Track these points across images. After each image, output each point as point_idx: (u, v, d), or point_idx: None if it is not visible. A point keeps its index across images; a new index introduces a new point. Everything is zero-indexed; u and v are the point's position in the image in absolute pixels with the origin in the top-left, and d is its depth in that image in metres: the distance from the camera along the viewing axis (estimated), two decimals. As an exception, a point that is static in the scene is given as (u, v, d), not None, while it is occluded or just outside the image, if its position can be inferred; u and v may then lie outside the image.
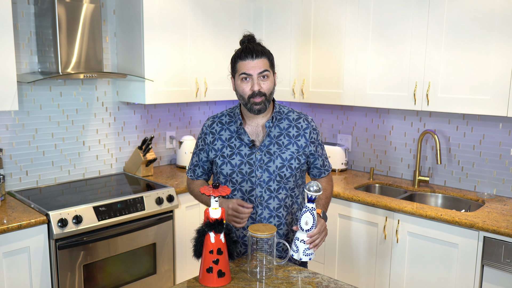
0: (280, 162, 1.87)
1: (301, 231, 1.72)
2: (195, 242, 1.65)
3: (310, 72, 3.32)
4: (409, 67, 2.82)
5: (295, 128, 1.92)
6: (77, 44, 2.80)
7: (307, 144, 1.91)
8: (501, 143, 2.85)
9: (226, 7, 3.43)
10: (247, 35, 1.88)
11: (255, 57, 1.80)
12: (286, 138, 1.89)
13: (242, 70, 1.82)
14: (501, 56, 2.45)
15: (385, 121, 3.37)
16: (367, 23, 2.97)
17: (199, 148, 2.00)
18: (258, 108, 1.83)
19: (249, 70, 1.80)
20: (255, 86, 1.80)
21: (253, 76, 1.81)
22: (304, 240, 1.71)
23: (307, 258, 1.72)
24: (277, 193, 1.88)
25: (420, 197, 3.03)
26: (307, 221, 1.70)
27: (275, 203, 1.89)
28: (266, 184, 1.87)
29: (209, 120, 1.99)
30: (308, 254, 1.72)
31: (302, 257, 1.71)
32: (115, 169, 3.38)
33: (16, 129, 2.85)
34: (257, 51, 1.81)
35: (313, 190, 1.67)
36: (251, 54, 1.80)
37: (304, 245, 1.71)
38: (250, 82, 1.82)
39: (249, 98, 1.82)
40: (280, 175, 1.87)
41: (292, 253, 1.74)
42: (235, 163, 1.88)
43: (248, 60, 1.80)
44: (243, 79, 1.82)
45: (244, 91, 1.83)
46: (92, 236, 2.53)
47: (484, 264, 2.37)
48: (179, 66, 3.20)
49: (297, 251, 1.72)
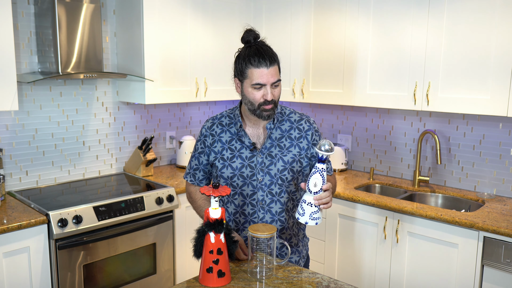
0: (282, 165, 1.82)
1: (308, 193, 1.61)
2: (195, 242, 1.64)
3: (311, 72, 3.32)
4: (409, 64, 2.82)
5: (297, 130, 1.87)
6: (77, 44, 2.80)
7: (309, 146, 1.87)
8: (501, 143, 2.85)
9: (226, 6, 3.43)
10: (252, 32, 1.77)
11: (270, 65, 1.71)
12: (288, 140, 1.85)
13: (257, 79, 1.72)
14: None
15: (385, 121, 3.37)
16: (367, 24, 2.98)
17: (198, 151, 1.93)
18: (267, 114, 1.77)
19: (263, 80, 1.72)
20: (268, 95, 1.73)
21: (267, 86, 1.73)
22: (311, 203, 1.61)
23: (313, 223, 1.62)
24: (279, 196, 1.85)
25: (420, 197, 3.03)
26: (316, 183, 1.58)
27: (278, 207, 1.85)
28: (267, 188, 1.83)
29: (209, 122, 1.93)
30: (315, 218, 1.62)
31: (308, 221, 1.62)
32: (115, 169, 3.38)
33: (16, 129, 2.85)
34: (270, 58, 1.72)
35: (324, 149, 1.55)
36: (265, 62, 1.71)
37: (311, 208, 1.61)
38: (263, 90, 1.74)
39: (260, 106, 1.76)
40: (282, 178, 1.83)
41: (298, 216, 1.64)
42: (235, 166, 1.83)
43: (262, 68, 1.71)
44: (256, 87, 1.74)
45: (255, 98, 1.75)
46: (92, 236, 2.53)
47: (484, 264, 2.37)
48: (179, 66, 3.20)
49: (303, 214, 1.62)
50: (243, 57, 1.75)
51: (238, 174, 1.83)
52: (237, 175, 1.84)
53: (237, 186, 1.85)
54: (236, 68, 1.79)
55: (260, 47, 1.74)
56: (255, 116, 1.81)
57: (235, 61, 1.81)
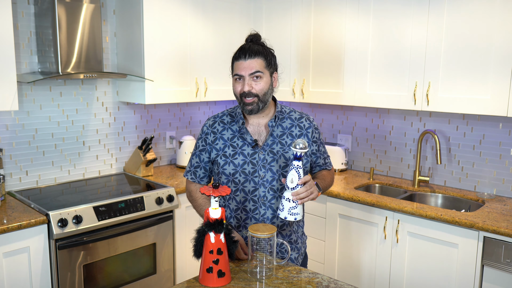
0: (284, 162, 1.86)
1: (286, 189, 1.69)
2: (195, 242, 1.64)
3: (310, 72, 3.32)
4: (409, 65, 2.82)
5: (298, 127, 1.92)
6: (77, 44, 2.80)
7: (310, 144, 1.93)
8: (501, 143, 2.85)
9: (226, 6, 3.43)
10: (251, 35, 1.88)
11: (248, 58, 1.80)
12: (289, 138, 1.89)
13: (235, 71, 1.84)
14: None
15: (385, 121, 3.37)
16: (367, 24, 2.98)
17: (199, 149, 1.97)
18: (249, 109, 1.83)
19: (240, 71, 1.82)
20: (245, 86, 1.80)
21: (244, 77, 1.81)
22: (289, 199, 1.67)
23: (292, 218, 1.68)
24: (280, 193, 1.87)
25: (420, 197, 3.03)
26: (292, 179, 1.66)
27: (279, 203, 1.87)
28: (269, 184, 1.86)
29: (210, 120, 1.97)
30: (293, 213, 1.68)
31: (287, 216, 1.68)
32: (115, 169, 3.38)
33: (16, 129, 2.85)
34: (250, 52, 1.80)
35: (299, 147, 1.64)
36: (244, 55, 1.80)
37: (289, 203, 1.67)
38: (241, 82, 1.82)
39: (241, 98, 1.83)
40: (284, 175, 1.86)
41: (279, 212, 1.71)
42: (238, 163, 1.87)
43: (240, 60, 1.81)
44: (236, 79, 1.84)
45: (236, 90, 1.85)
46: (92, 236, 2.53)
47: (484, 264, 2.37)
48: (179, 66, 3.20)
49: (283, 210, 1.69)
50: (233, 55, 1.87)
51: (240, 170, 1.87)
52: (239, 172, 1.87)
53: (239, 182, 1.88)
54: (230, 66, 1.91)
55: (246, 44, 1.85)
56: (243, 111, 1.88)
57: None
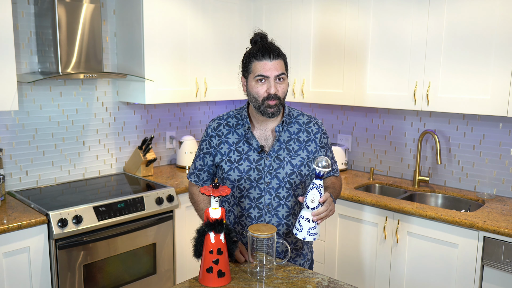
0: (290, 169, 1.79)
1: (306, 209, 1.62)
2: (195, 242, 1.63)
3: (311, 72, 3.32)
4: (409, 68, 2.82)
5: (306, 132, 1.85)
6: (77, 44, 2.80)
7: (317, 150, 1.84)
8: (501, 143, 2.85)
9: (226, 6, 3.43)
10: (260, 33, 1.78)
11: (273, 58, 1.70)
12: (296, 143, 1.82)
13: (259, 71, 1.71)
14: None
15: (385, 121, 3.37)
16: (368, 23, 2.98)
17: (203, 151, 1.88)
18: (272, 111, 1.73)
19: (266, 72, 1.70)
20: (271, 88, 1.71)
21: (270, 78, 1.71)
22: (309, 219, 1.61)
23: (311, 238, 1.63)
24: (286, 200, 1.81)
25: (420, 197, 3.03)
26: (313, 199, 1.60)
27: (284, 211, 1.83)
28: (275, 191, 1.80)
29: (215, 122, 1.88)
30: (312, 234, 1.62)
31: (306, 237, 1.62)
32: (115, 169, 3.38)
33: (16, 129, 2.85)
34: (274, 52, 1.71)
35: (322, 165, 1.57)
36: (269, 55, 1.70)
37: (309, 223, 1.62)
38: (266, 84, 1.72)
39: (264, 101, 1.73)
40: (290, 182, 1.80)
41: (296, 232, 1.65)
42: (243, 169, 1.79)
43: (265, 60, 1.70)
44: (258, 80, 1.72)
45: (259, 93, 1.73)
46: (92, 236, 2.53)
47: (484, 264, 2.37)
48: (179, 66, 3.20)
49: (301, 230, 1.63)
50: (248, 53, 1.77)
51: (245, 177, 1.80)
52: (244, 178, 1.80)
53: (244, 189, 1.82)
54: (242, 65, 1.80)
55: (265, 43, 1.75)
56: (260, 114, 1.78)
57: (241, 60, 1.81)
